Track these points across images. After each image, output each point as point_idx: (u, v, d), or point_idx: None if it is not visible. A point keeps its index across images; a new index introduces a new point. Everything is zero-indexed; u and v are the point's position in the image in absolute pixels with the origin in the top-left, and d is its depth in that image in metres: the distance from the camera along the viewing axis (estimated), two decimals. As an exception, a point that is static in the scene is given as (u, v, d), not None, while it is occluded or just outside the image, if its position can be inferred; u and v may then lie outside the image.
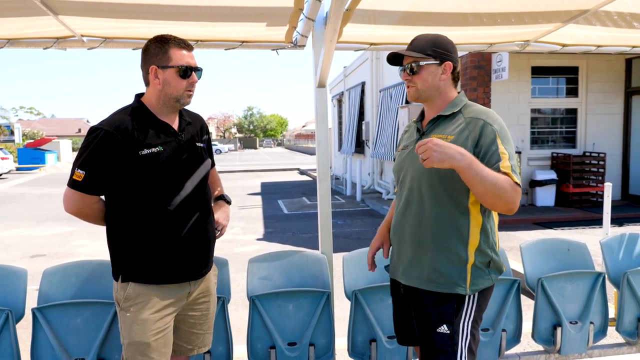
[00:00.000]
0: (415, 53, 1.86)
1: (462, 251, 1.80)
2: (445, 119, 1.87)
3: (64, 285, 2.43)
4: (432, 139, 1.63)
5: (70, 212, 1.88)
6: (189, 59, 1.90)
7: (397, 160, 2.04)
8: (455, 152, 1.62)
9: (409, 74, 1.88)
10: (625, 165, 9.78)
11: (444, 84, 1.88)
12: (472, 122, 1.78)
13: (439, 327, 1.81)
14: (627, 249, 2.97)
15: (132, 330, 1.86)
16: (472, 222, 1.80)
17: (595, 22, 2.86)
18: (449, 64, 1.86)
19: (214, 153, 2.17)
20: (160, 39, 1.89)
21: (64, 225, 9.43)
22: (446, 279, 1.80)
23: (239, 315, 4.27)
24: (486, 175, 1.62)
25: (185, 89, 1.89)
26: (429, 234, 1.83)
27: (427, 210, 1.83)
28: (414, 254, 1.88)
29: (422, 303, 1.85)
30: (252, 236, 8.24)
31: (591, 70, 9.47)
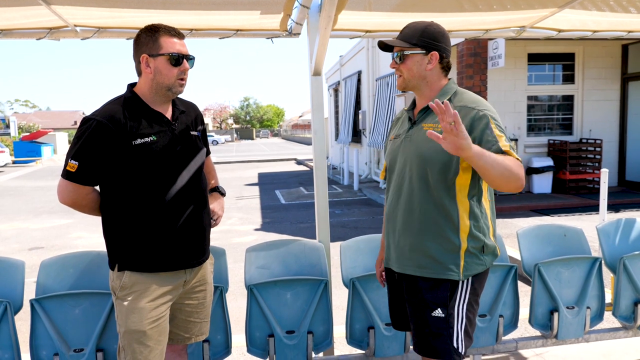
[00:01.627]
0: (401, 42, 1.87)
1: (454, 237, 1.82)
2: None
3: (62, 276, 2.43)
4: (460, 124, 1.56)
5: (64, 203, 1.88)
6: (180, 46, 1.89)
7: (389, 149, 2.05)
8: (470, 141, 1.62)
9: (396, 62, 1.91)
10: (622, 152, 9.80)
11: (431, 73, 1.88)
12: (463, 110, 1.78)
13: (433, 311, 1.83)
14: (624, 234, 2.99)
15: (129, 319, 1.86)
16: (460, 208, 1.82)
17: (591, 7, 2.85)
18: (435, 53, 1.85)
19: (211, 144, 2.16)
20: (150, 27, 1.88)
21: (61, 218, 9.42)
22: (439, 265, 1.83)
23: (237, 304, 4.29)
24: (494, 159, 1.63)
25: (177, 77, 1.88)
26: (420, 222, 1.85)
27: (417, 198, 1.85)
28: (407, 242, 1.90)
29: (416, 288, 1.88)
30: (250, 226, 8.25)
31: (587, 56, 9.46)
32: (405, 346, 2.65)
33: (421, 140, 1.85)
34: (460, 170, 1.79)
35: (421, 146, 1.84)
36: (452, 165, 1.79)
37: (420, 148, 1.84)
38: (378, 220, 8.48)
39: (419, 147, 1.85)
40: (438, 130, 1.77)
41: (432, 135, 1.57)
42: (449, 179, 1.80)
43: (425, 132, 1.81)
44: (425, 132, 1.83)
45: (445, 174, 1.79)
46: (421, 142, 1.85)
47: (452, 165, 1.79)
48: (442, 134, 1.62)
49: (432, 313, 1.83)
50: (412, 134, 1.91)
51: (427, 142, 1.81)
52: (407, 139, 1.92)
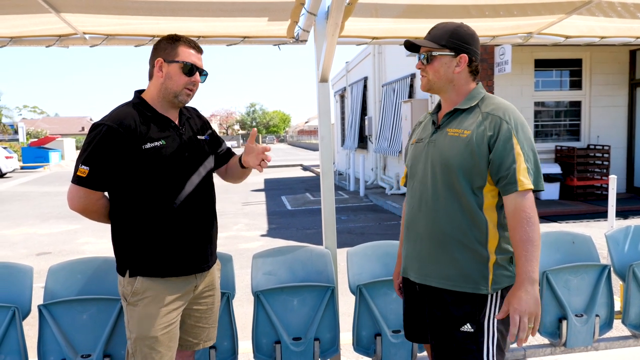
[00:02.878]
0: (430, 43, 1.79)
1: (482, 249, 1.73)
2: (461, 113, 1.80)
3: (70, 282, 2.44)
4: (524, 319, 1.63)
5: (75, 209, 1.88)
6: (196, 59, 1.93)
7: (411, 154, 1.96)
8: (534, 291, 1.63)
9: (422, 63, 1.83)
10: (630, 158, 9.73)
11: (459, 76, 1.80)
12: (489, 117, 1.72)
13: (462, 326, 1.74)
14: (633, 241, 2.96)
15: (141, 325, 1.86)
16: (489, 220, 1.74)
17: (599, 13, 2.84)
18: (465, 56, 1.78)
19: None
20: (172, 36, 1.94)
21: (69, 223, 9.46)
22: (467, 278, 1.74)
23: (243, 310, 4.28)
24: (535, 259, 1.64)
25: (184, 86, 1.91)
26: (446, 232, 1.76)
27: (443, 207, 1.77)
28: (431, 252, 1.81)
29: (441, 302, 1.78)
30: (256, 232, 8.25)
31: (595, 62, 9.42)
32: (412, 354, 2.63)
33: (446, 146, 1.77)
34: (487, 182, 1.72)
35: (446, 152, 1.76)
36: (481, 174, 1.71)
37: (445, 154, 1.76)
38: (384, 226, 8.46)
39: (444, 153, 1.77)
40: (464, 137, 1.72)
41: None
42: (476, 188, 1.73)
43: (451, 137, 1.76)
44: (450, 137, 1.77)
45: (473, 182, 1.72)
46: (446, 147, 1.77)
47: (480, 174, 1.71)
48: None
49: (461, 328, 1.74)
50: (436, 139, 1.82)
51: (452, 147, 1.75)
52: (430, 144, 1.84)
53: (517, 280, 1.66)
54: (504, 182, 1.69)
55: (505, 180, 1.68)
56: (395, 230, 8.06)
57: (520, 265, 1.65)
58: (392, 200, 10.54)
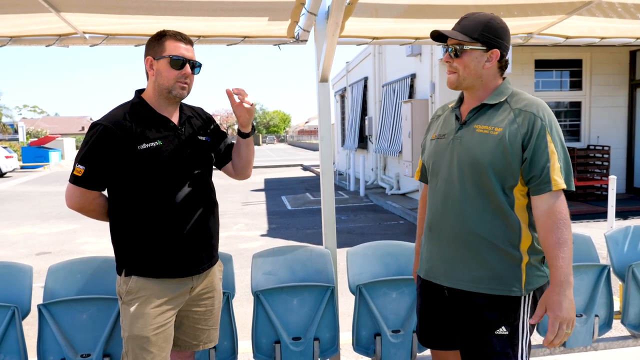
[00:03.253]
0: (462, 35, 1.68)
1: (513, 250, 1.68)
2: (490, 108, 1.72)
3: (69, 281, 2.44)
4: (563, 328, 1.61)
5: (72, 207, 1.90)
6: (184, 51, 1.89)
7: (431, 150, 1.86)
8: (570, 295, 1.61)
9: (451, 56, 1.72)
10: (630, 158, 9.73)
11: (488, 72, 1.72)
12: (522, 114, 1.65)
13: (497, 329, 1.69)
14: (632, 241, 2.96)
15: (133, 324, 1.86)
16: (521, 220, 1.69)
17: (599, 14, 2.84)
18: (497, 51, 1.69)
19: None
20: (158, 33, 1.91)
21: (69, 223, 9.46)
22: (499, 280, 1.68)
23: (243, 310, 4.28)
24: (570, 262, 1.61)
25: (176, 80, 1.88)
26: (476, 233, 1.69)
27: (473, 207, 1.69)
28: (459, 254, 1.74)
29: (474, 305, 1.72)
30: (256, 232, 8.25)
31: (595, 63, 9.42)
32: (412, 353, 2.63)
33: (475, 143, 1.69)
34: (519, 182, 1.67)
35: (475, 150, 1.68)
36: (513, 173, 1.65)
37: (474, 152, 1.68)
38: (384, 226, 8.46)
39: (473, 151, 1.69)
40: (495, 134, 1.66)
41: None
42: (507, 187, 1.67)
43: (479, 134, 1.69)
44: (479, 134, 1.69)
45: (504, 182, 1.66)
46: (475, 145, 1.69)
47: (512, 173, 1.65)
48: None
49: (496, 331, 1.68)
50: (463, 136, 1.73)
51: (481, 145, 1.67)
52: (456, 141, 1.75)
53: (553, 283, 1.62)
54: (536, 182, 1.63)
55: (539, 179, 1.63)
56: (396, 231, 8.06)
57: (556, 268, 1.61)
58: (392, 201, 10.54)
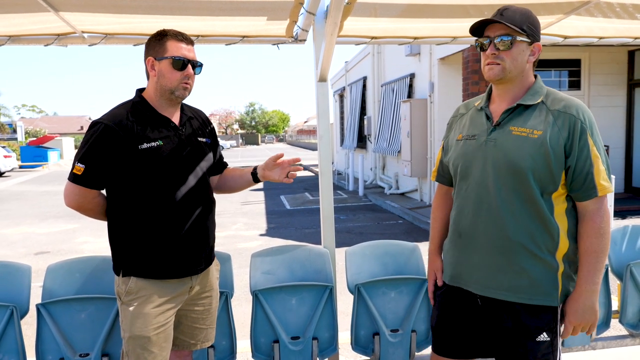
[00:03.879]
0: (513, 26, 1.60)
1: (551, 258, 1.64)
2: (525, 109, 1.65)
3: (68, 281, 2.44)
4: (577, 331, 1.65)
5: (70, 206, 1.89)
6: (186, 51, 1.89)
7: (459, 151, 1.77)
8: (592, 303, 1.61)
9: (498, 48, 1.62)
10: (629, 158, 9.74)
11: (529, 67, 1.67)
12: (561, 116, 1.59)
13: (538, 336, 1.65)
14: (630, 241, 2.96)
15: (133, 324, 1.86)
16: (560, 227, 1.63)
17: (597, 14, 2.84)
18: (539, 45, 1.65)
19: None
20: (159, 32, 1.90)
21: (67, 222, 9.45)
22: (538, 289, 1.64)
23: (242, 310, 4.28)
24: (600, 271, 1.60)
25: (179, 81, 1.88)
26: (514, 240, 1.63)
27: (511, 213, 1.63)
28: (495, 262, 1.68)
29: (515, 314, 1.67)
30: (255, 232, 8.25)
31: (593, 62, 9.43)
32: (410, 353, 2.63)
33: (512, 147, 1.62)
34: (559, 187, 1.61)
35: (513, 153, 1.61)
36: (554, 178, 1.59)
37: (512, 155, 1.61)
38: (383, 226, 8.46)
39: (510, 155, 1.62)
40: (534, 137, 1.59)
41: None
42: (546, 193, 1.61)
43: (516, 137, 1.62)
44: (515, 137, 1.62)
45: (544, 187, 1.60)
46: (512, 148, 1.62)
47: (553, 178, 1.59)
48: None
49: (537, 338, 1.65)
50: (497, 138, 1.66)
51: (521, 149, 1.60)
52: (489, 143, 1.67)
53: (578, 289, 1.62)
54: (582, 188, 1.59)
55: (584, 185, 1.59)
56: (394, 230, 8.07)
57: (583, 275, 1.60)
58: (391, 200, 10.55)
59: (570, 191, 1.62)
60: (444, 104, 9.40)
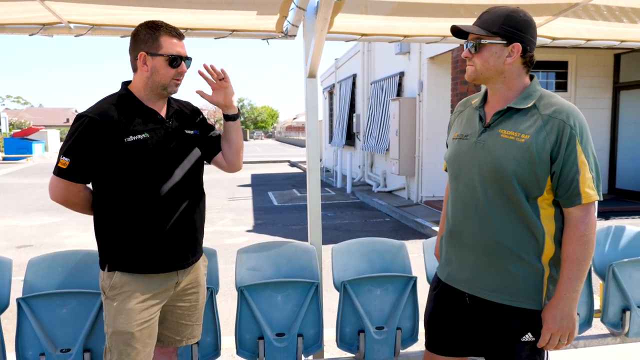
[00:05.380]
0: (479, 29, 1.63)
1: (536, 261, 1.63)
2: (516, 112, 1.65)
3: (50, 275, 2.41)
4: (555, 338, 1.62)
5: (55, 200, 1.87)
6: (180, 48, 1.88)
7: (453, 150, 1.79)
8: (570, 310, 1.61)
9: (470, 52, 1.66)
10: (613, 160, 9.87)
11: (510, 68, 1.64)
12: (550, 121, 1.58)
13: (523, 337, 1.66)
14: (613, 241, 3.00)
15: (117, 320, 1.84)
16: (546, 231, 1.63)
17: (585, 16, 2.87)
18: (518, 45, 1.61)
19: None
20: (151, 25, 1.86)
21: (52, 216, 9.33)
22: (522, 292, 1.64)
23: (227, 306, 4.27)
24: (579, 278, 1.59)
25: (173, 78, 1.88)
26: (499, 242, 1.64)
27: (497, 215, 1.64)
28: (481, 262, 1.69)
29: (499, 314, 1.68)
30: (242, 228, 8.22)
31: (580, 65, 9.53)
32: (395, 350, 2.64)
33: (499, 149, 1.62)
34: (545, 192, 1.61)
35: (499, 156, 1.61)
36: (539, 184, 1.59)
37: (498, 158, 1.61)
38: (370, 223, 8.48)
39: (497, 157, 1.62)
40: (521, 142, 1.59)
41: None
42: (531, 197, 1.61)
43: (504, 140, 1.62)
44: (503, 140, 1.62)
45: (528, 191, 1.60)
46: (499, 151, 1.62)
47: (538, 183, 1.59)
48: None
49: (522, 338, 1.66)
50: (486, 140, 1.67)
51: (507, 152, 1.60)
52: (479, 144, 1.68)
53: (557, 295, 1.61)
54: (566, 195, 1.58)
55: (568, 192, 1.58)
56: (381, 228, 8.09)
57: (563, 281, 1.60)
58: (379, 198, 10.57)
59: (556, 196, 1.61)
60: (433, 103, 9.44)
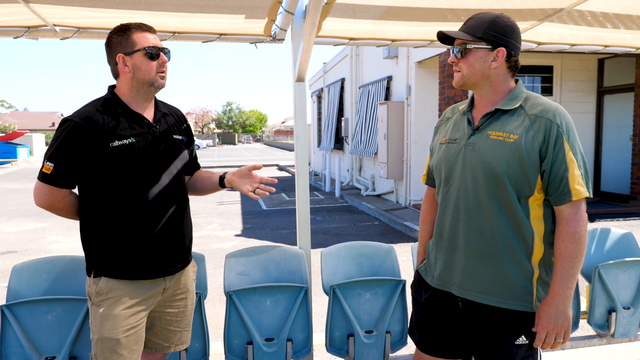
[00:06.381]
0: (464, 35, 1.66)
1: (527, 263, 1.65)
2: (504, 114, 1.68)
3: (35, 281, 2.37)
4: (551, 337, 1.63)
5: (40, 205, 1.84)
6: (154, 40, 1.87)
7: (441, 155, 1.80)
8: (564, 308, 1.61)
9: (456, 57, 1.69)
10: (597, 163, 10.01)
11: (496, 72, 1.67)
12: (538, 121, 1.61)
13: (517, 340, 1.67)
14: (599, 243, 3.04)
15: (103, 326, 1.81)
16: (535, 232, 1.65)
17: (569, 21, 2.91)
18: (502, 50, 1.64)
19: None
20: (120, 27, 1.85)
21: (36, 221, 9.21)
22: (513, 294, 1.66)
23: (215, 311, 4.24)
24: (572, 276, 1.60)
25: (156, 71, 1.86)
26: (493, 244, 1.65)
27: (488, 217, 1.65)
28: (473, 265, 1.70)
29: (492, 318, 1.69)
30: (230, 232, 8.18)
31: (565, 69, 9.66)
32: (385, 354, 2.64)
33: (488, 151, 1.64)
34: (535, 191, 1.62)
35: (489, 158, 1.63)
36: (529, 183, 1.61)
37: (488, 160, 1.63)
38: (359, 227, 8.49)
39: (487, 159, 1.64)
40: (510, 142, 1.61)
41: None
42: (522, 197, 1.62)
43: (493, 141, 1.64)
44: (492, 141, 1.65)
45: (520, 191, 1.62)
46: (489, 152, 1.64)
47: (529, 183, 1.61)
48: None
49: (516, 341, 1.66)
50: (476, 142, 1.69)
51: (495, 152, 1.63)
52: (468, 147, 1.70)
53: (551, 293, 1.62)
54: (556, 192, 1.60)
55: (558, 190, 1.60)
56: (370, 232, 8.10)
57: (557, 279, 1.61)
58: (367, 202, 10.59)
59: (547, 195, 1.64)
60: (421, 107, 9.50)
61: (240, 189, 2.07)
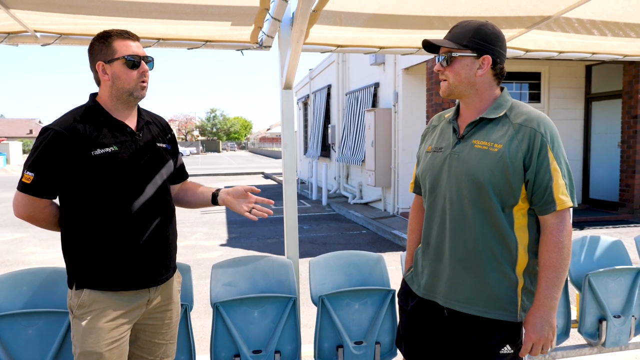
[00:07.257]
0: (450, 43, 1.66)
1: (511, 272, 1.64)
2: (488, 122, 1.67)
3: (14, 294, 2.29)
4: (537, 348, 1.62)
5: (20, 216, 1.79)
6: (136, 48, 1.82)
7: (426, 164, 1.80)
8: (549, 318, 1.60)
9: (442, 65, 1.69)
10: (586, 170, 10.11)
11: (481, 80, 1.67)
12: (522, 130, 1.60)
13: (501, 349, 1.66)
14: (588, 251, 3.04)
15: (85, 340, 1.75)
16: (519, 241, 1.64)
17: (557, 29, 2.92)
18: (488, 57, 1.64)
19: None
20: (102, 34, 1.81)
21: (14, 232, 9.01)
22: (497, 304, 1.65)
23: (201, 323, 4.16)
24: (557, 286, 1.59)
25: (137, 80, 1.81)
26: (475, 254, 1.65)
27: (472, 226, 1.65)
28: (457, 275, 1.69)
29: (477, 328, 1.68)
30: (216, 242, 8.09)
31: (553, 76, 9.77)
32: (374, 365, 2.60)
33: (473, 160, 1.64)
34: (520, 201, 1.62)
35: (473, 167, 1.63)
36: (513, 192, 1.60)
37: (472, 169, 1.63)
38: (347, 236, 8.45)
39: (471, 168, 1.64)
40: (494, 151, 1.61)
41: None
42: (506, 206, 1.62)
43: (478, 150, 1.64)
44: (477, 150, 1.64)
45: (504, 201, 1.61)
46: (473, 161, 1.64)
47: (513, 192, 1.60)
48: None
49: (501, 351, 1.65)
50: (461, 151, 1.68)
51: (479, 161, 1.62)
52: (453, 156, 1.70)
53: (536, 303, 1.62)
54: (541, 202, 1.60)
55: (543, 199, 1.59)
56: (358, 240, 8.07)
57: (541, 289, 1.60)
58: (355, 210, 10.57)
59: (531, 204, 1.63)
60: (408, 114, 9.53)
61: (235, 209, 2.07)
